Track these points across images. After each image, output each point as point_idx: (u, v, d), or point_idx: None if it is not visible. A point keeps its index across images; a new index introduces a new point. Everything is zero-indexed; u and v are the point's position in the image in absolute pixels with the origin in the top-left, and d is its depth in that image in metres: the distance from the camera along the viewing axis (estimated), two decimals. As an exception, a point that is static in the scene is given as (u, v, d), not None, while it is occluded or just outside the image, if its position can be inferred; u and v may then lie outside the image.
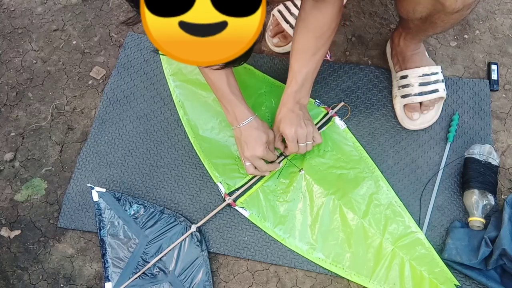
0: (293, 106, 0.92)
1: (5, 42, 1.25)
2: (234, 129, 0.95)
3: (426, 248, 0.91)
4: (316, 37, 0.89)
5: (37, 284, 0.98)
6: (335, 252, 0.93)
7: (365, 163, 1.00)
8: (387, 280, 0.89)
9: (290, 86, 0.93)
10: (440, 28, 0.88)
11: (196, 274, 0.93)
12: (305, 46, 0.90)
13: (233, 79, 0.95)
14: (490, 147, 0.97)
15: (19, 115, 1.15)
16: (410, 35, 0.99)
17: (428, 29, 0.89)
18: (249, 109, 0.95)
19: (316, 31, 0.89)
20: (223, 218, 0.99)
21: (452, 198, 0.98)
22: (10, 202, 1.06)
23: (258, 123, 0.93)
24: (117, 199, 1.00)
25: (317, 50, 0.90)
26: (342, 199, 0.96)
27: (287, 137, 0.92)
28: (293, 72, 0.92)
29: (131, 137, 1.10)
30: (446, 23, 0.84)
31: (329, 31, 0.89)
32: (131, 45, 1.21)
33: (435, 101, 1.03)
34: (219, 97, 0.96)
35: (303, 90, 0.93)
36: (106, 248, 0.97)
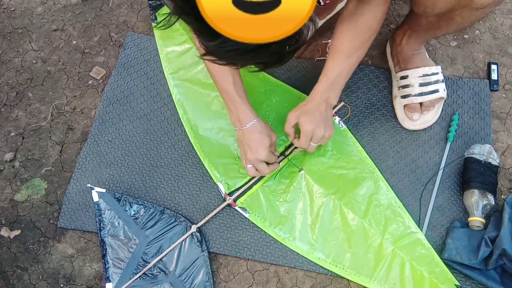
0: (319, 104, 0.90)
1: (5, 42, 1.25)
2: (237, 131, 0.95)
3: (426, 248, 0.91)
4: (354, 37, 0.87)
5: (37, 284, 0.98)
6: (335, 252, 0.93)
7: (365, 164, 1.00)
8: (387, 280, 0.89)
9: (321, 82, 0.90)
10: (455, 26, 0.85)
11: (197, 275, 0.93)
12: (342, 46, 0.88)
13: (239, 80, 0.94)
14: (490, 147, 0.97)
15: (19, 115, 1.15)
16: (415, 34, 0.98)
17: (442, 27, 0.87)
18: (253, 111, 0.94)
19: (356, 32, 0.87)
20: (223, 218, 0.99)
21: (452, 198, 0.98)
22: (10, 202, 1.06)
23: (261, 125, 0.93)
24: (117, 199, 1.00)
25: (355, 51, 0.88)
26: (342, 199, 0.96)
27: (303, 131, 0.90)
28: (326, 69, 0.90)
29: (131, 137, 1.10)
30: (465, 21, 0.82)
31: (369, 33, 0.87)
32: (131, 45, 1.21)
33: (435, 101, 1.03)
34: (224, 97, 0.95)
35: (333, 89, 0.90)
36: (106, 248, 0.97)
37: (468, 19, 0.82)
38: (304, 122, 0.90)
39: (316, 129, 0.89)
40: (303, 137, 0.91)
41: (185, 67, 1.13)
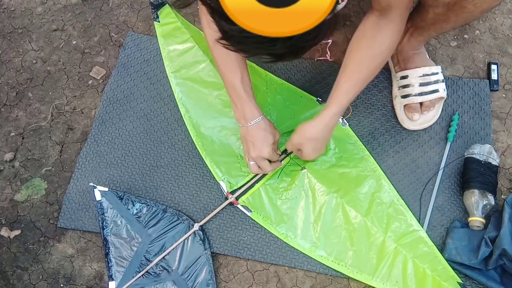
0: (326, 126, 0.89)
1: (5, 42, 1.25)
2: (241, 127, 0.94)
3: (429, 246, 0.91)
4: (372, 56, 0.86)
5: (37, 284, 0.98)
6: (337, 250, 0.93)
7: (367, 162, 1.00)
8: (389, 278, 0.89)
9: (334, 106, 0.88)
10: (464, 17, 0.83)
11: (199, 273, 0.93)
12: (358, 65, 0.86)
13: (247, 77, 0.93)
14: (490, 147, 0.97)
15: (19, 115, 1.15)
16: (418, 31, 0.97)
17: (450, 18, 0.85)
18: (258, 108, 0.93)
19: (373, 50, 0.85)
20: (223, 218, 0.99)
21: (452, 198, 0.98)
22: (10, 202, 1.05)
23: (265, 123, 0.92)
24: (120, 198, 1.00)
25: (370, 74, 0.87)
26: (345, 197, 0.96)
27: (305, 158, 0.93)
28: (341, 91, 0.87)
29: (131, 137, 1.10)
30: (477, 8, 0.79)
31: (387, 52, 0.86)
32: (131, 45, 1.21)
33: (435, 101, 1.03)
34: (230, 92, 0.94)
35: (342, 112, 0.90)
36: (109, 247, 0.97)
37: (480, 7, 0.79)
38: (307, 153, 0.92)
39: (318, 154, 0.94)
40: (304, 158, 0.95)
41: (187, 66, 1.13)
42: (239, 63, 0.91)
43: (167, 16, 1.18)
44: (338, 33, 1.17)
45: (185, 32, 1.16)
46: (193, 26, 1.18)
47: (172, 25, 1.18)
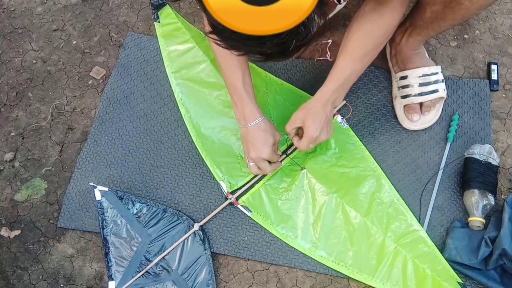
0: (326, 105, 0.89)
1: (5, 42, 1.25)
2: (241, 127, 0.94)
3: (429, 246, 0.91)
4: (369, 39, 0.86)
5: (37, 284, 0.98)
6: (337, 250, 0.93)
7: (367, 162, 1.00)
8: (389, 278, 0.89)
9: (331, 82, 0.88)
10: (461, 13, 0.84)
11: (199, 273, 0.93)
12: (356, 47, 0.87)
13: (249, 77, 0.93)
14: (490, 147, 0.97)
15: (19, 115, 1.15)
16: (416, 31, 0.97)
17: (447, 16, 0.86)
18: (259, 109, 0.93)
19: (371, 34, 0.86)
20: (223, 218, 0.99)
21: (452, 198, 0.98)
22: (10, 202, 1.05)
23: (266, 124, 0.92)
24: (120, 198, 1.00)
25: (367, 53, 0.87)
26: (345, 198, 0.96)
27: (308, 136, 0.88)
28: (337, 69, 0.88)
29: (131, 137, 1.10)
30: (473, 4, 0.80)
31: (384, 36, 0.86)
32: (131, 45, 1.21)
33: (435, 101, 1.03)
34: (231, 92, 0.94)
35: (341, 90, 0.90)
36: (109, 247, 0.97)
37: (477, 2, 0.80)
38: (309, 127, 0.88)
39: (321, 133, 0.89)
40: (306, 140, 0.89)
41: (187, 66, 1.13)
42: (241, 63, 0.91)
43: (167, 17, 1.18)
44: (338, 33, 1.17)
45: (185, 33, 1.16)
46: (193, 26, 1.19)
47: (173, 26, 1.18)
